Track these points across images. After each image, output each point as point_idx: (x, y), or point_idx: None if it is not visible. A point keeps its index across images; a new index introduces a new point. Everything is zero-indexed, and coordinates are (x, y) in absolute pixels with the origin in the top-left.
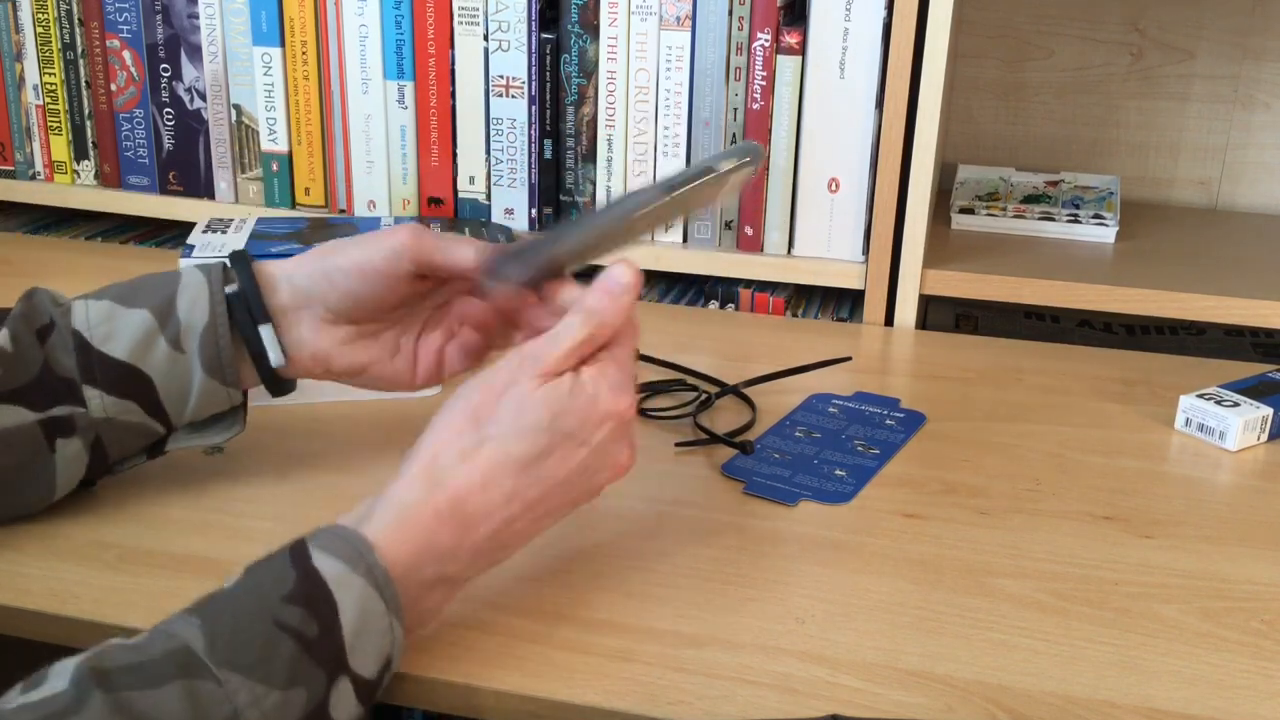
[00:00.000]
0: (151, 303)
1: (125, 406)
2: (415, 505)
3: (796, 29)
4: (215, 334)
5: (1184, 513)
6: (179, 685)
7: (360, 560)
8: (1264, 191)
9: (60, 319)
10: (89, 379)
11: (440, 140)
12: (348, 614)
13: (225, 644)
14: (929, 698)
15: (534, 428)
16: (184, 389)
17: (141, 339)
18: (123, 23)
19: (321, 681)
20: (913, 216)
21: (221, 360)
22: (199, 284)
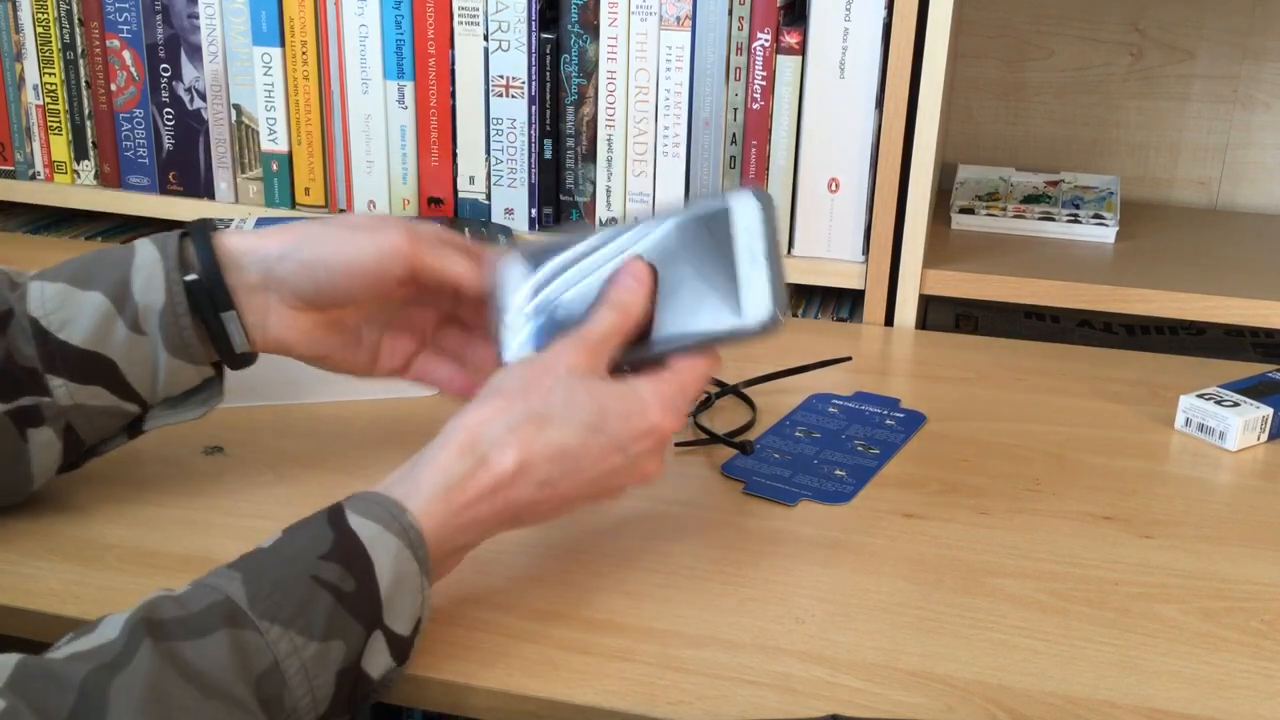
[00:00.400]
0: (106, 285)
1: (92, 392)
2: (460, 481)
3: (796, 29)
4: (174, 314)
5: (1184, 513)
6: (224, 634)
7: (394, 522)
8: (1264, 191)
9: (17, 304)
10: (51, 368)
11: (440, 140)
12: (384, 571)
13: (266, 597)
14: (929, 698)
15: (583, 422)
16: (150, 369)
17: (99, 323)
18: (123, 23)
19: (359, 635)
20: (913, 216)
21: (184, 339)
22: (153, 262)
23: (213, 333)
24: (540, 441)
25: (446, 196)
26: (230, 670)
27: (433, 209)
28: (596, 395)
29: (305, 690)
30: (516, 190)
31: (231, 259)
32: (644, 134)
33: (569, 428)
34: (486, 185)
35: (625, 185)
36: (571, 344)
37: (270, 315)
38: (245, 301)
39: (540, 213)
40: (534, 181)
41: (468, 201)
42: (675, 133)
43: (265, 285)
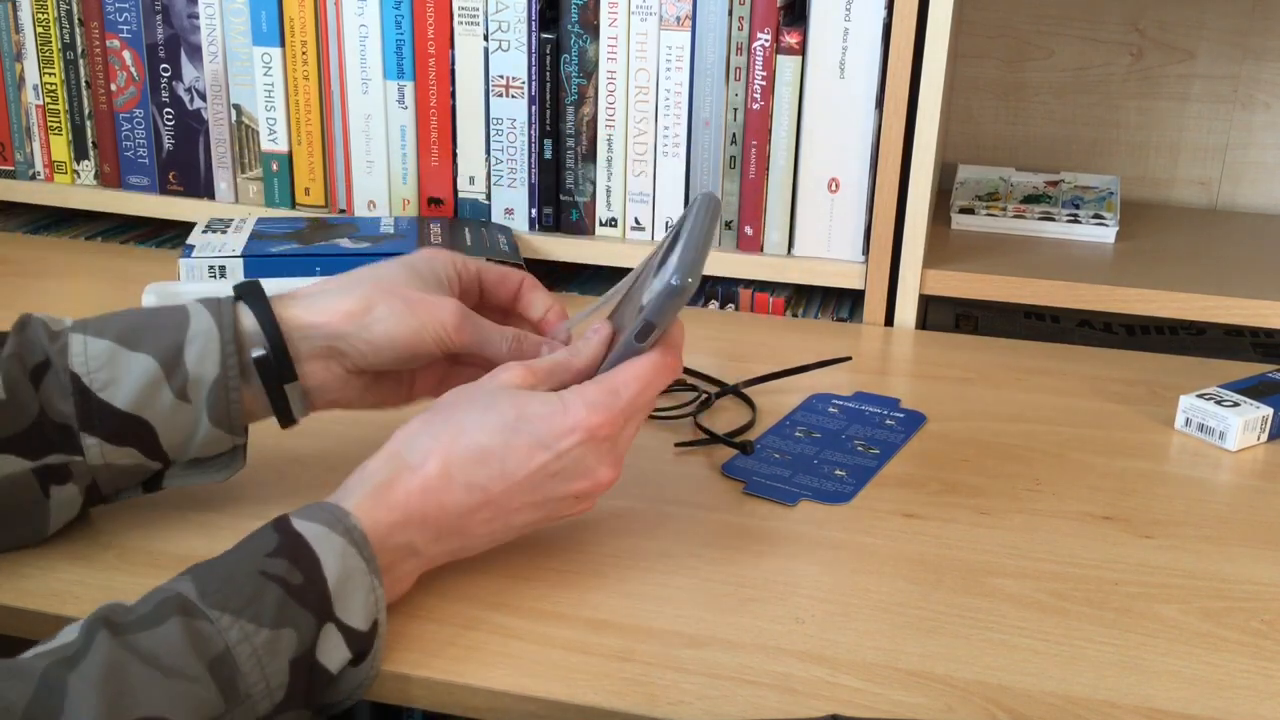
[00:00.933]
0: (156, 349)
1: (124, 452)
2: (384, 483)
3: (796, 29)
4: (225, 388)
5: (1184, 513)
6: (176, 621)
7: (338, 523)
8: (1264, 191)
9: (56, 357)
10: (87, 427)
11: (440, 140)
12: (330, 565)
13: (215, 590)
14: (929, 698)
15: (500, 423)
16: (187, 436)
17: (145, 388)
18: (123, 23)
19: (310, 624)
20: (913, 216)
21: (230, 413)
22: (209, 332)
23: (272, 400)
24: (459, 444)
25: (446, 196)
26: (185, 653)
27: (433, 209)
28: (516, 400)
29: (259, 676)
30: (516, 190)
31: (296, 331)
32: (644, 134)
33: (485, 429)
34: (486, 185)
35: (625, 185)
36: (509, 365)
37: (330, 381)
38: (307, 368)
39: (540, 213)
40: (534, 181)
41: (468, 201)
42: (675, 133)
43: (327, 355)
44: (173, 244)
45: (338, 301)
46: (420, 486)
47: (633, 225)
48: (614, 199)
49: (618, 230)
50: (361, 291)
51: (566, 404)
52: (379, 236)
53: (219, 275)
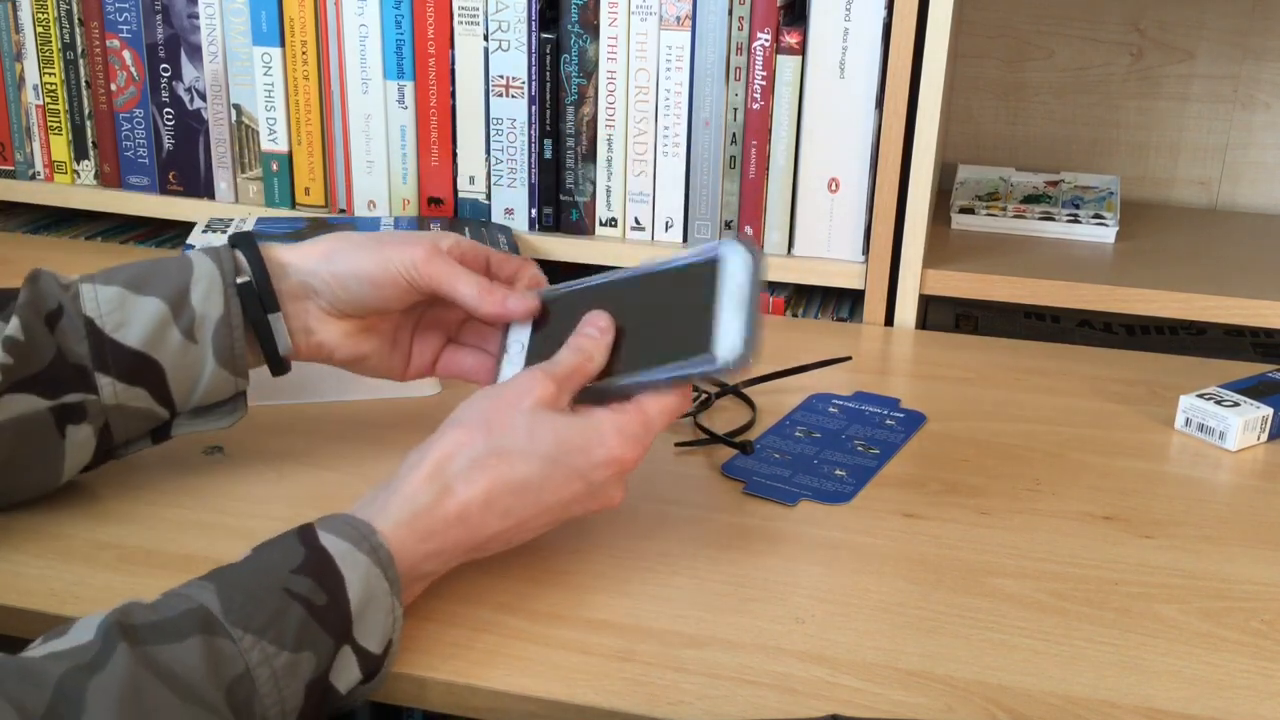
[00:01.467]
0: (164, 291)
1: (135, 393)
2: (426, 509)
3: (796, 29)
4: (229, 325)
5: (1184, 513)
6: (198, 640)
7: (364, 541)
8: (1264, 191)
9: (69, 304)
10: (101, 366)
11: (440, 140)
12: (354, 587)
13: (239, 607)
14: (929, 698)
15: (542, 455)
16: (194, 377)
17: (155, 328)
18: (123, 23)
19: (329, 647)
20: (913, 216)
21: (234, 351)
22: (211, 274)
23: (260, 337)
24: (504, 475)
25: (446, 196)
26: (204, 675)
27: (433, 209)
28: (557, 429)
29: (275, 700)
30: (516, 190)
31: (277, 267)
32: (644, 134)
33: (531, 462)
34: (486, 185)
35: (625, 185)
36: (536, 377)
37: (311, 320)
38: (289, 307)
39: (540, 213)
40: (534, 181)
41: (468, 201)
42: (675, 133)
43: (305, 293)
44: (173, 244)
45: (314, 243)
46: (459, 515)
47: (633, 225)
48: (614, 199)
49: (618, 230)
50: (340, 237)
51: (603, 436)
52: None
53: None
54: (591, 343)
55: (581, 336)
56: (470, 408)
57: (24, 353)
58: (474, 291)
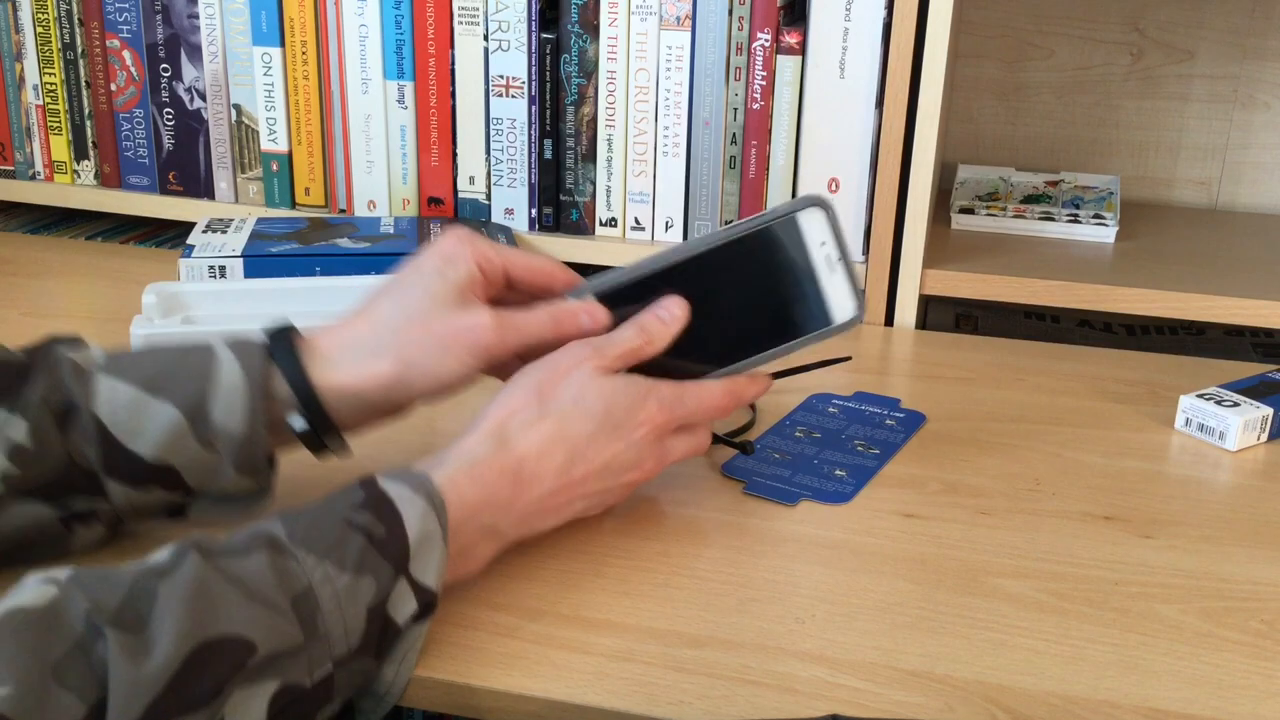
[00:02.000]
0: (179, 397)
1: (148, 494)
2: (484, 460)
3: (796, 29)
4: (252, 445)
5: (1184, 513)
6: (264, 554)
7: (421, 488)
8: (1264, 191)
9: (82, 401)
10: (112, 474)
11: (440, 140)
12: (411, 524)
13: (303, 532)
14: (929, 698)
15: (588, 412)
16: (212, 480)
17: (170, 439)
18: (123, 23)
19: (388, 574)
20: (913, 216)
21: (255, 465)
22: (234, 388)
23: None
24: (554, 432)
25: (446, 196)
26: (270, 583)
27: (433, 209)
28: (598, 388)
29: (338, 618)
30: (516, 190)
31: (334, 397)
32: (644, 134)
33: (576, 418)
34: (486, 185)
35: (625, 185)
36: (586, 349)
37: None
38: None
39: (540, 213)
40: (534, 181)
41: (468, 201)
42: (675, 133)
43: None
44: (173, 244)
45: (373, 365)
46: (515, 469)
47: (633, 225)
48: (614, 199)
49: (618, 230)
50: (394, 348)
51: (644, 395)
52: (379, 236)
53: (219, 275)
54: (658, 326)
55: (650, 316)
56: (524, 376)
57: (32, 462)
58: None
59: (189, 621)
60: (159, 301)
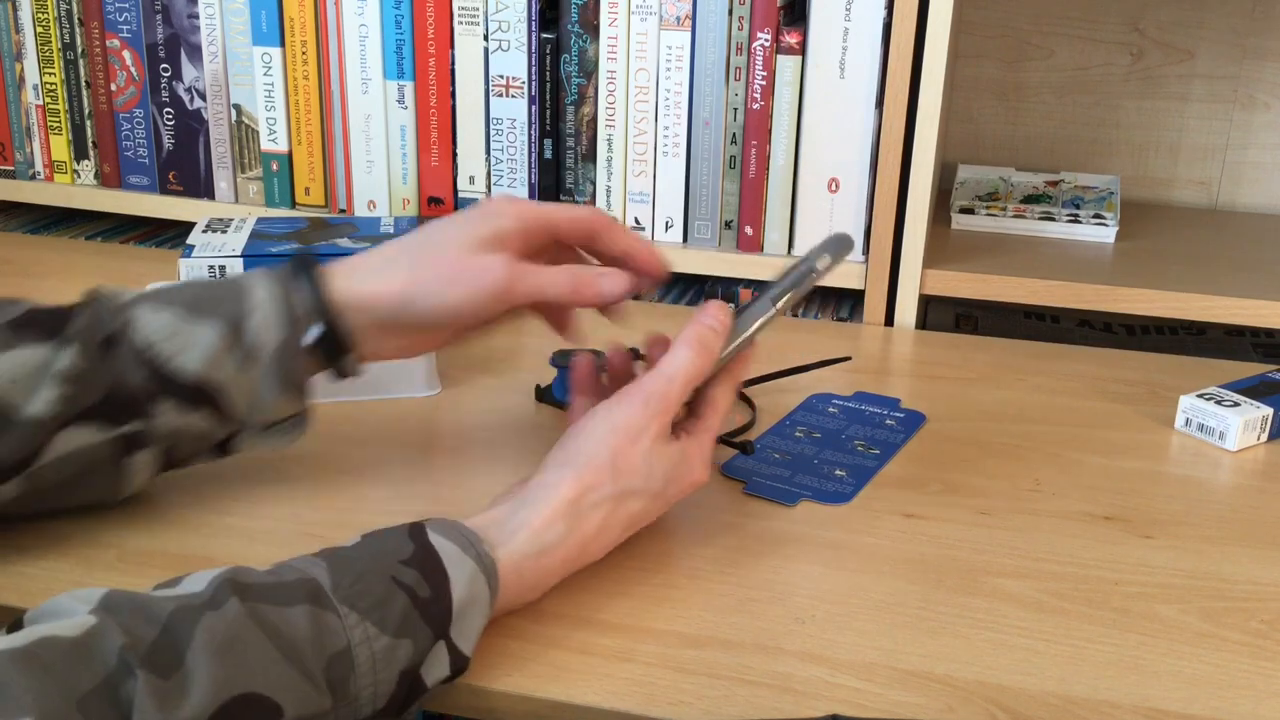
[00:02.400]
0: (219, 318)
1: (196, 416)
2: (553, 547)
3: (796, 29)
4: (286, 357)
5: (1184, 513)
6: (306, 609)
7: (471, 548)
8: (1264, 191)
9: (125, 329)
10: (160, 394)
11: (440, 140)
12: (458, 587)
13: (348, 586)
14: (929, 698)
15: (649, 489)
16: (254, 401)
17: (211, 356)
18: (123, 23)
19: (427, 639)
20: (913, 216)
21: (294, 380)
22: (266, 303)
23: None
24: (622, 513)
25: (446, 196)
26: (308, 642)
27: (433, 209)
28: (664, 462)
29: (370, 680)
30: (516, 190)
31: (347, 307)
32: (644, 134)
33: (643, 498)
34: (486, 185)
35: (625, 185)
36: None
37: (384, 346)
38: (361, 340)
39: None
40: (534, 181)
41: (468, 201)
42: (675, 133)
43: (380, 329)
44: (173, 244)
45: (384, 278)
46: (577, 555)
47: (633, 225)
48: (614, 199)
49: None
50: (407, 268)
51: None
52: (379, 236)
53: (219, 275)
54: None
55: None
56: (598, 442)
57: (81, 385)
58: (565, 295)
59: (222, 675)
60: None
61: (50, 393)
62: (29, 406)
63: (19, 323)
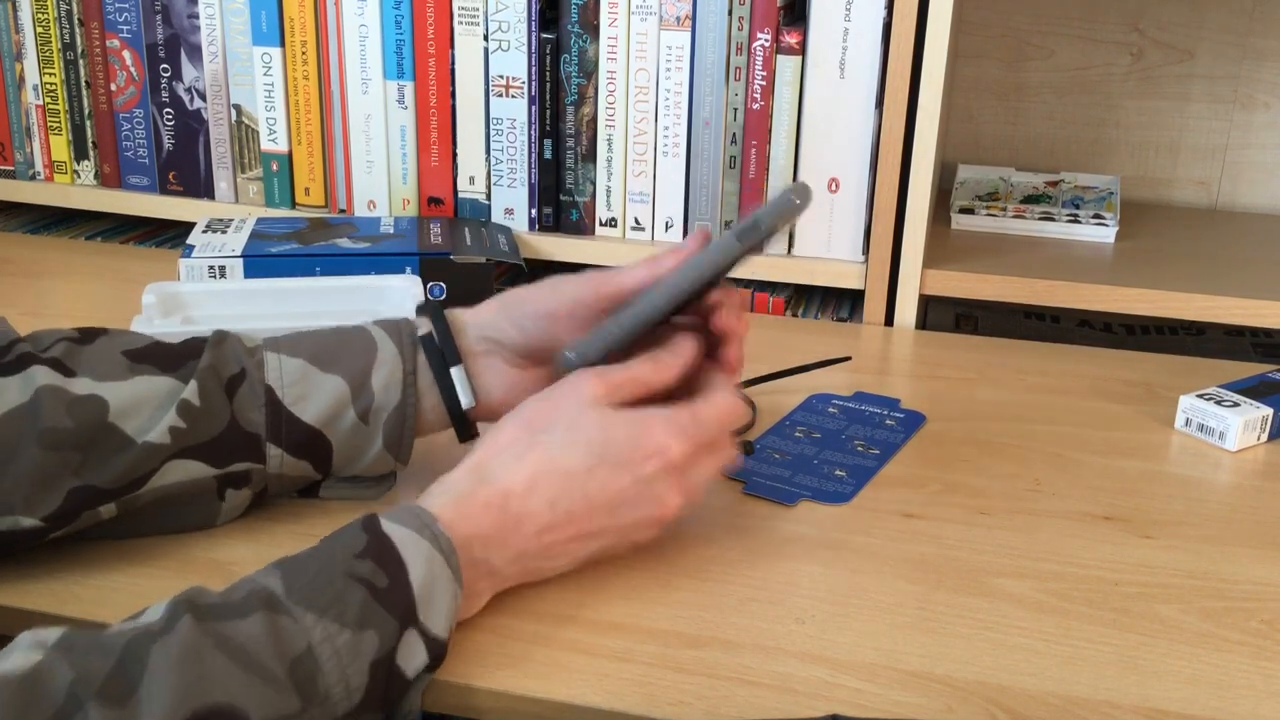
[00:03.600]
0: (348, 372)
1: (300, 465)
2: (466, 494)
3: (796, 29)
4: (404, 414)
5: (1184, 513)
6: (261, 616)
7: (426, 529)
8: (1264, 191)
9: (253, 370)
10: (274, 438)
11: (440, 140)
12: (416, 571)
13: (302, 588)
14: (929, 698)
15: (583, 442)
16: (358, 455)
17: (333, 407)
18: (123, 23)
19: (392, 628)
20: (913, 216)
21: (403, 438)
22: (393, 359)
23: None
24: (543, 464)
25: (446, 196)
26: (266, 648)
27: (433, 209)
28: (601, 422)
29: (339, 677)
30: (516, 190)
31: (456, 326)
32: (644, 134)
33: (574, 451)
34: (486, 185)
35: (625, 185)
36: (586, 377)
37: (493, 375)
38: (470, 362)
39: (540, 213)
40: (534, 181)
41: (468, 201)
42: (675, 133)
43: (485, 349)
44: (173, 244)
45: (488, 302)
46: (501, 504)
47: (632, 225)
48: (614, 199)
49: (618, 230)
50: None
51: (649, 426)
52: (379, 236)
53: (219, 275)
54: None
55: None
56: (518, 409)
57: (198, 419)
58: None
59: (180, 691)
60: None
61: (169, 422)
62: (146, 433)
63: (140, 354)
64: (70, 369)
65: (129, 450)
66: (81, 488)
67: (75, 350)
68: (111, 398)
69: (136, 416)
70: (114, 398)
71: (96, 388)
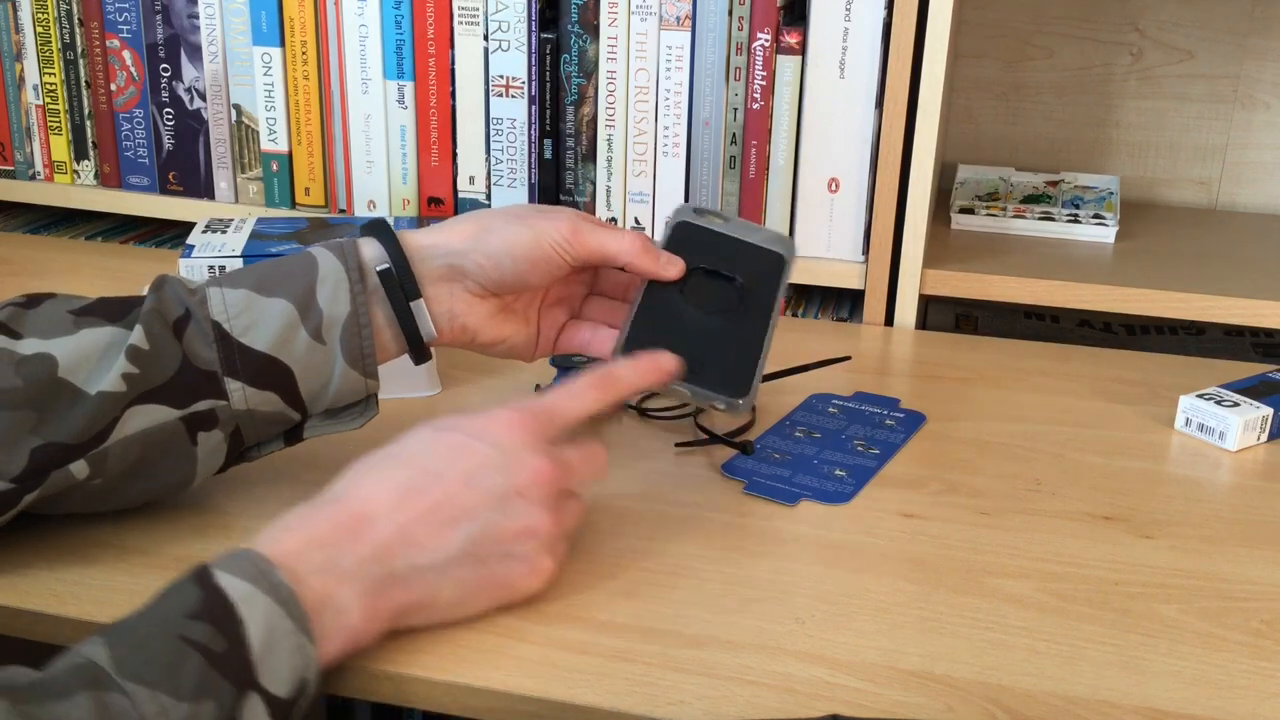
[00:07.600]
0: (290, 293)
1: (266, 397)
2: (299, 514)
3: (796, 29)
4: (357, 325)
5: (1184, 513)
6: (86, 696)
7: (264, 579)
8: (1264, 191)
9: (196, 308)
10: (230, 371)
11: (440, 140)
12: (255, 630)
13: (131, 659)
14: (929, 698)
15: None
16: (324, 379)
17: (283, 330)
18: (123, 23)
19: (229, 695)
20: (913, 216)
21: (363, 350)
22: (337, 273)
23: (401, 322)
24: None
25: (446, 196)
26: None
27: (433, 209)
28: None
29: None
30: (516, 190)
31: (418, 252)
32: (644, 134)
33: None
34: (486, 185)
35: (625, 185)
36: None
37: (456, 304)
38: (431, 291)
39: None
40: (534, 181)
41: (468, 201)
42: (675, 133)
43: (452, 276)
44: (173, 244)
45: (456, 225)
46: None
47: (633, 225)
48: (614, 199)
49: None
50: (477, 218)
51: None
52: None
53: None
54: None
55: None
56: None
57: (150, 362)
58: (632, 247)
59: None
60: None
61: (119, 369)
62: (99, 383)
63: (85, 310)
64: (17, 332)
65: (84, 402)
66: (44, 445)
67: (21, 314)
68: (59, 353)
69: (86, 367)
70: (61, 353)
71: (43, 345)
